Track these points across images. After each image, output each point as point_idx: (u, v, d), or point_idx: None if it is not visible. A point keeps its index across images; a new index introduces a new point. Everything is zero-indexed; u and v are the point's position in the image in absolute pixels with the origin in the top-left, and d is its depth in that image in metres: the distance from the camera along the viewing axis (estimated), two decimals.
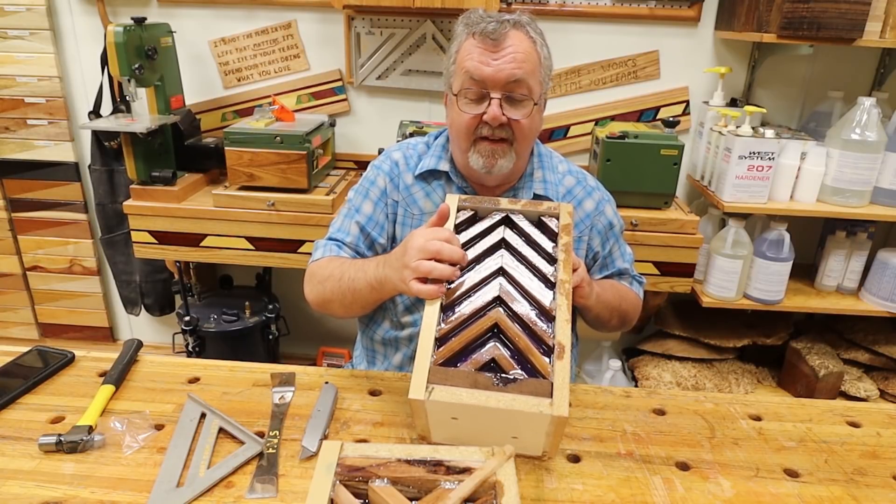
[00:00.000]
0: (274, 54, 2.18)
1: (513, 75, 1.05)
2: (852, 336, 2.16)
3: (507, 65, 1.05)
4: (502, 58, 1.05)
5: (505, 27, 1.05)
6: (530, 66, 1.07)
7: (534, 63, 1.08)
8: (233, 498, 0.78)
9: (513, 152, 1.11)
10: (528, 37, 1.08)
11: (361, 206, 1.22)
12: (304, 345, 2.52)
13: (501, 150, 1.10)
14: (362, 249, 1.19)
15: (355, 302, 1.08)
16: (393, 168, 1.22)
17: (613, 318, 1.23)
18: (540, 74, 1.10)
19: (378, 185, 1.22)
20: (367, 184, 1.23)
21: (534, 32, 1.09)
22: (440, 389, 0.78)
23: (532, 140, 1.15)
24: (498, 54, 1.05)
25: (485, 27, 1.05)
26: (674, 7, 2.01)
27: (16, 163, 2.33)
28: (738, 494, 0.83)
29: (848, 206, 1.86)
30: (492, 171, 1.11)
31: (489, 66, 1.05)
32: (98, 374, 1.04)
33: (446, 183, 1.20)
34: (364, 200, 1.22)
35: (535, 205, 0.99)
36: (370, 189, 1.22)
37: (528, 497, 0.80)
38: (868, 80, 2.08)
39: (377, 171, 1.23)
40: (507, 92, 1.06)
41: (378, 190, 1.22)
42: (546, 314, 0.86)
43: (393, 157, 1.24)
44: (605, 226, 1.25)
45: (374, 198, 1.22)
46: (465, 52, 1.08)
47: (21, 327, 2.62)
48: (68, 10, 2.17)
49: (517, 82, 1.06)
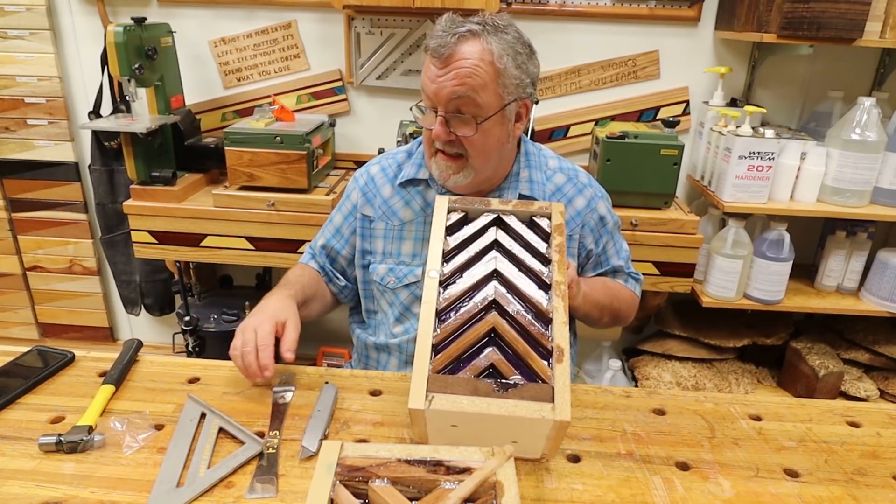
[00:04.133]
0: (274, 54, 2.18)
1: (454, 93, 1.03)
2: (852, 336, 2.16)
3: (448, 82, 1.03)
4: (445, 75, 1.03)
5: (455, 40, 1.02)
6: (477, 81, 1.02)
7: (486, 76, 1.03)
8: (233, 498, 0.78)
9: (470, 168, 1.10)
10: (484, 48, 1.02)
11: (334, 218, 1.29)
12: (304, 345, 2.48)
13: (456, 166, 1.10)
14: (322, 261, 1.29)
15: None
16: (369, 182, 1.25)
17: (604, 316, 1.23)
18: (497, 86, 1.05)
19: (351, 200, 1.27)
20: (344, 196, 1.30)
21: (496, 42, 1.03)
22: (440, 398, 0.77)
23: (489, 154, 1.11)
24: (442, 70, 1.03)
25: (437, 42, 1.03)
26: (674, 7, 2.01)
27: (16, 163, 2.33)
28: (738, 494, 0.83)
29: (848, 206, 1.86)
30: (446, 183, 1.13)
31: (434, 84, 1.04)
32: (98, 374, 1.04)
33: (425, 189, 1.21)
34: (336, 213, 1.29)
35: (527, 205, 0.98)
36: (344, 202, 1.28)
37: (528, 497, 0.80)
38: (868, 80, 2.08)
39: (353, 185, 1.28)
40: (451, 110, 1.05)
41: (350, 204, 1.27)
42: (542, 316, 0.85)
43: (370, 172, 1.26)
44: (597, 222, 1.23)
45: (346, 211, 1.27)
46: (424, 66, 1.08)
47: (21, 327, 2.62)
48: (68, 10, 2.17)
49: (460, 99, 1.03)
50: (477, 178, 1.12)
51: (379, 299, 1.26)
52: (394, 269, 1.20)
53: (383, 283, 1.21)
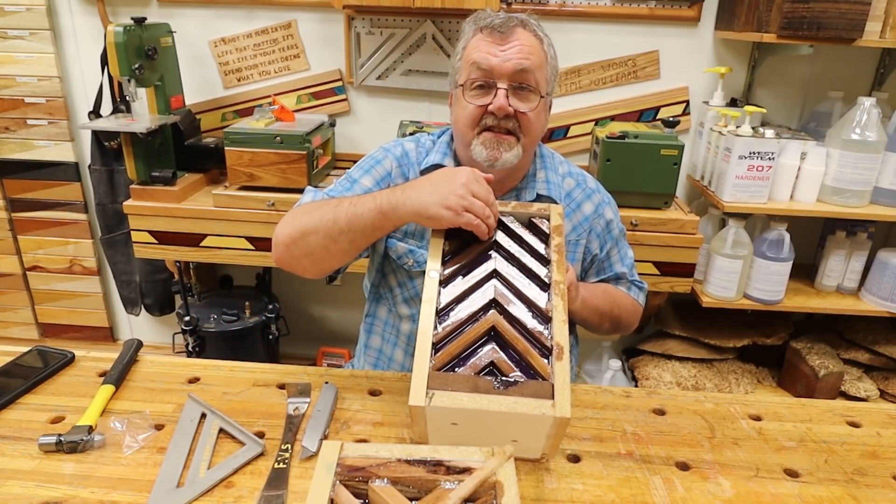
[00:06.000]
0: (274, 54, 2.18)
1: (520, 64, 1.05)
2: (852, 336, 2.16)
3: (514, 55, 1.05)
4: (509, 49, 1.05)
5: (513, 22, 1.07)
6: (537, 60, 1.07)
7: (541, 58, 1.08)
8: (233, 498, 0.78)
9: (519, 146, 1.09)
10: (534, 35, 1.08)
11: (360, 180, 1.15)
12: (304, 345, 2.52)
13: (507, 143, 1.08)
14: None
15: (347, 231, 0.97)
16: (404, 156, 1.19)
17: (604, 322, 1.22)
18: (546, 71, 1.09)
19: (384, 166, 1.17)
20: (372, 162, 1.18)
21: (541, 32, 1.10)
22: (440, 395, 0.77)
23: (538, 137, 1.13)
24: (505, 45, 1.05)
25: (492, 21, 1.07)
26: (674, 7, 2.01)
27: (16, 163, 2.33)
28: (738, 494, 0.83)
29: (848, 206, 1.86)
30: (495, 164, 1.08)
31: (496, 56, 1.05)
32: (98, 374, 1.04)
33: None
34: (364, 175, 1.16)
35: (526, 206, 0.99)
36: (374, 167, 1.17)
37: (528, 497, 0.80)
38: (868, 80, 2.08)
39: (385, 153, 1.19)
40: (513, 82, 1.06)
41: (382, 170, 1.17)
42: (542, 315, 0.86)
43: (405, 147, 1.20)
44: (603, 228, 1.23)
45: (377, 176, 1.16)
46: (473, 46, 1.08)
47: (21, 327, 2.61)
48: (68, 10, 2.17)
49: (524, 72, 1.05)
50: (523, 160, 1.11)
51: (388, 275, 1.21)
52: (414, 252, 1.15)
53: (400, 261, 1.17)
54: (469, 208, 0.90)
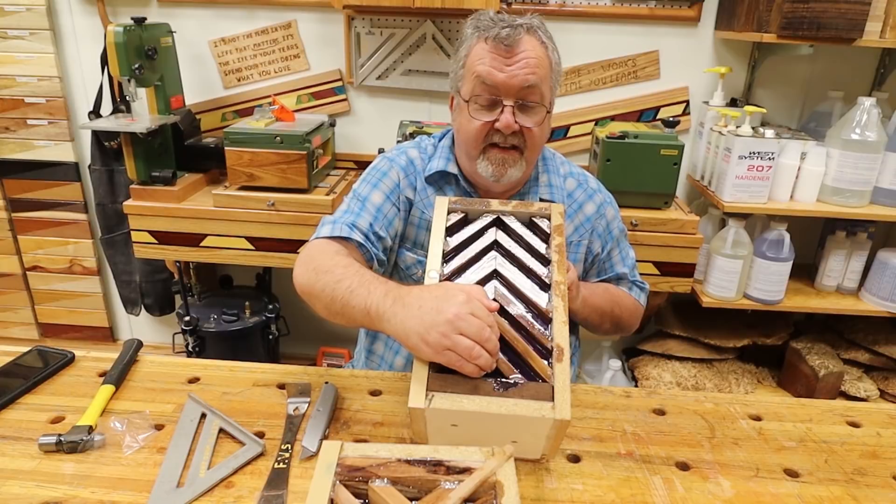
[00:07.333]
0: (274, 54, 2.18)
1: (526, 81, 1.02)
2: (852, 336, 2.16)
3: (520, 71, 1.02)
4: (515, 63, 1.02)
5: (518, 32, 1.03)
6: (543, 72, 1.05)
7: (546, 69, 1.06)
8: (233, 498, 0.78)
9: (523, 161, 1.09)
10: (540, 42, 1.05)
11: (370, 197, 1.11)
12: (304, 345, 2.52)
13: (512, 159, 1.08)
14: (372, 240, 1.08)
15: (341, 315, 0.94)
16: (409, 165, 1.17)
17: (605, 322, 1.22)
18: (551, 80, 1.08)
19: (391, 178, 1.14)
20: (379, 174, 1.15)
21: (545, 37, 1.07)
22: (440, 397, 0.77)
23: (541, 148, 1.13)
24: (511, 60, 1.03)
25: (498, 32, 1.02)
26: (674, 7, 2.01)
27: (16, 163, 2.33)
28: (738, 494, 0.83)
29: (848, 206, 1.86)
30: (500, 180, 1.09)
31: (502, 73, 1.02)
32: (98, 374, 1.04)
33: (456, 187, 1.17)
34: (373, 191, 1.12)
35: (527, 206, 0.98)
36: (382, 180, 1.13)
37: (528, 497, 0.80)
38: (868, 80, 2.08)
39: (390, 164, 1.16)
40: (520, 99, 1.04)
41: (391, 182, 1.14)
42: (542, 316, 0.85)
43: (409, 155, 1.18)
44: (604, 228, 1.23)
45: (386, 189, 1.13)
46: (477, 56, 1.05)
47: (21, 327, 2.61)
48: (68, 10, 2.17)
49: (530, 88, 1.03)
50: (525, 172, 1.12)
51: None
52: (423, 263, 1.15)
53: (408, 271, 1.17)
54: (452, 348, 0.77)
